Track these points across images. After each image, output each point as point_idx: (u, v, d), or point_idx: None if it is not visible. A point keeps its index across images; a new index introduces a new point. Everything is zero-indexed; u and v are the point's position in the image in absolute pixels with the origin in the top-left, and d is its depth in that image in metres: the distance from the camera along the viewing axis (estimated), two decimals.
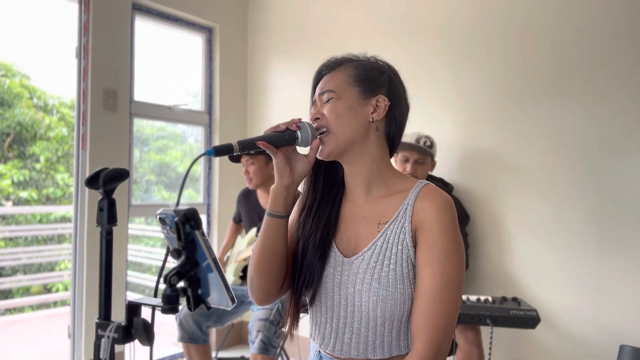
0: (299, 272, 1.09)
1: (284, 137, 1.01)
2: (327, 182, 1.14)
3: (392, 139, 1.10)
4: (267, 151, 1.00)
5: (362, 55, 1.13)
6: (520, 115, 2.53)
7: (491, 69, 2.62)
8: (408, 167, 2.42)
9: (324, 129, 1.04)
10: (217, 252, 3.13)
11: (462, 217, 2.57)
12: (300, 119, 1.04)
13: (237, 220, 2.91)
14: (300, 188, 1.15)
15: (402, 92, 1.11)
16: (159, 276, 0.86)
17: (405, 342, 1.04)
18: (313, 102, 1.11)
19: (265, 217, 1.06)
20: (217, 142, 3.59)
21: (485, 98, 2.64)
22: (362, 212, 1.08)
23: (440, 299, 0.97)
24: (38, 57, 6.92)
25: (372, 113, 1.05)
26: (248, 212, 2.75)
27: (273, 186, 1.06)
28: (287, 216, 1.07)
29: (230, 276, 2.65)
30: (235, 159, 2.64)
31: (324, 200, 1.12)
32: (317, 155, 1.06)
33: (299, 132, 1.02)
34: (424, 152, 2.42)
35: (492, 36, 2.62)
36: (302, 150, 1.09)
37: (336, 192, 1.14)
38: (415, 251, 1.01)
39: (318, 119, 1.06)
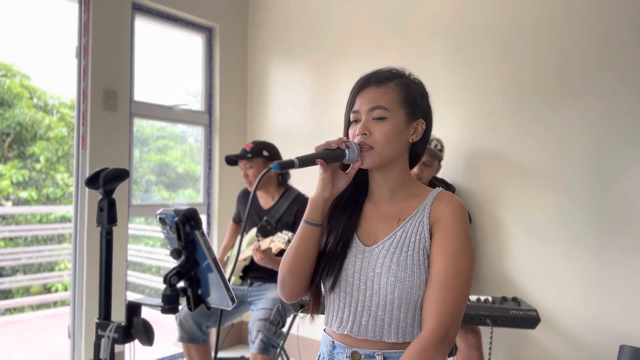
0: (321, 262, 1.18)
1: (335, 155, 1.11)
2: (352, 187, 1.23)
3: (418, 155, 1.23)
4: (321, 167, 1.11)
5: (401, 70, 1.21)
6: (523, 117, 2.52)
7: (495, 71, 2.62)
8: (415, 167, 2.41)
9: (370, 146, 1.13)
10: (217, 252, 3.13)
11: None
12: (347, 139, 1.15)
13: (237, 220, 2.91)
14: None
15: (431, 113, 1.23)
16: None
17: (418, 329, 1.11)
18: (355, 111, 1.17)
19: (303, 225, 1.17)
20: (217, 142, 3.59)
21: (489, 100, 2.64)
22: (383, 211, 1.19)
23: (451, 286, 1.05)
24: (38, 57, 6.92)
25: (412, 135, 1.17)
26: (248, 212, 2.75)
27: (313, 196, 1.16)
28: (322, 225, 1.18)
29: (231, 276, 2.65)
30: (232, 162, 2.64)
31: (348, 203, 1.22)
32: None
33: (347, 151, 1.12)
34: (434, 154, 2.43)
35: (497, 38, 2.62)
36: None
37: (359, 196, 1.24)
38: (431, 243, 1.10)
39: (365, 134, 1.13)
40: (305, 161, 1.08)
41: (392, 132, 1.13)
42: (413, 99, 1.17)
